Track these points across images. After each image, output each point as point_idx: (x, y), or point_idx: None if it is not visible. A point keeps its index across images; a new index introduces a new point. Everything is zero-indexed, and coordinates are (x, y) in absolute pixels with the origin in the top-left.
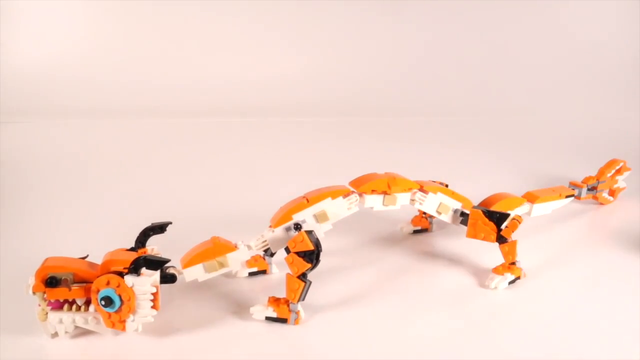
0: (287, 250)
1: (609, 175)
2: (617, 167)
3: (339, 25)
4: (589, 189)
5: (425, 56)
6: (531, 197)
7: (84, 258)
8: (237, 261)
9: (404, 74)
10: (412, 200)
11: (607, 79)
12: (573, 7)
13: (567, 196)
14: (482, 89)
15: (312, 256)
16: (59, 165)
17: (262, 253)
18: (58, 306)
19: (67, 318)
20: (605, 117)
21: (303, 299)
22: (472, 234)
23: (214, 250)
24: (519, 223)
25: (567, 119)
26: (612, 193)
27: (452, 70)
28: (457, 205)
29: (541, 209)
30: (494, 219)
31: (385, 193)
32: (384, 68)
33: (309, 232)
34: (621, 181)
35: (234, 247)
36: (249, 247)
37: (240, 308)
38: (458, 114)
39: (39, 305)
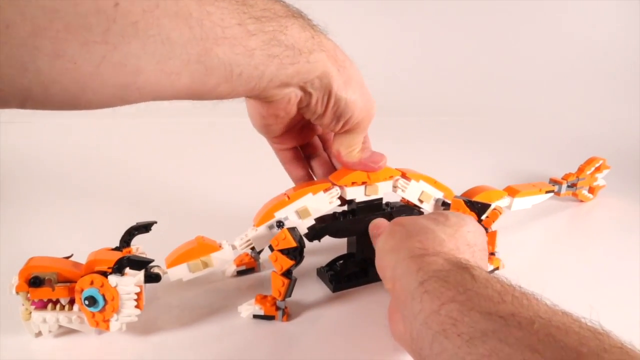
0: (271, 248)
1: (588, 172)
2: (597, 165)
3: (335, 24)
4: (568, 186)
5: (417, 57)
6: (512, 191)
7: (68, 258)
8: (221, 261)
9: (394, 75)
10: (395, 187)
11: (591, 78)
12: (566, 6)
13: (547, 192)
14: (468, 88)
15: (295, 253)
16: (43, 166)
17: (249, 251)
18: (42, 305)
19: (50, 317)
20: (591, 116)
21: (289, 296)
22: None
23: (198, 250)
24: (500, 214)
25: (551, 117)
26: (592, 191)
27: (441, 70)
28: (439, 194)
29: (521, 203)
30: (475, 209)
31: (365, 183)
32: (377, 68)
33: (292, 229)
34: (601, 179)
35: (218, 247)
36: (234, 247)
37: (227, 306)
38: (444, 113)
39: (23, 305)
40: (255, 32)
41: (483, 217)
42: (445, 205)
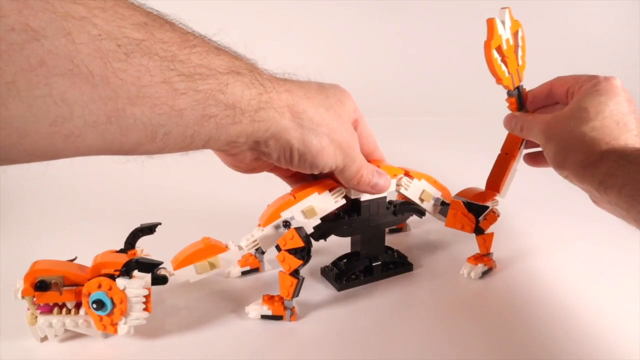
0: (278, 248)
1: None
2: None
3: (334, 25)
4: None
5: (417, 57)
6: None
7: (72, 260)
8: (228, 262)
9: (393, 75)
10: (398, 185)
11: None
12: (566, 5)
13: None
14: (468, 88)
15: (303, 253)
16: (45, 167)
17: (253, 251)
18: (48, 310)
19: (57, 322)
20: None
21: (297, 296)
22: (452, 224)
23: (205, 251)
24: (497, 216)
25: None
26: None
27: (440, 70)
28: (438, 194)
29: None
30: (473, 210)
31: None
32: (375, 68)
33: (299, 229)
34: None
35: (225, 248)
36: (240, 248)
37: (233, 307)
38: (443, 113)
39: (28, 309)
40: (186, 90)
41: (480, 219)
42: (444, 205)
